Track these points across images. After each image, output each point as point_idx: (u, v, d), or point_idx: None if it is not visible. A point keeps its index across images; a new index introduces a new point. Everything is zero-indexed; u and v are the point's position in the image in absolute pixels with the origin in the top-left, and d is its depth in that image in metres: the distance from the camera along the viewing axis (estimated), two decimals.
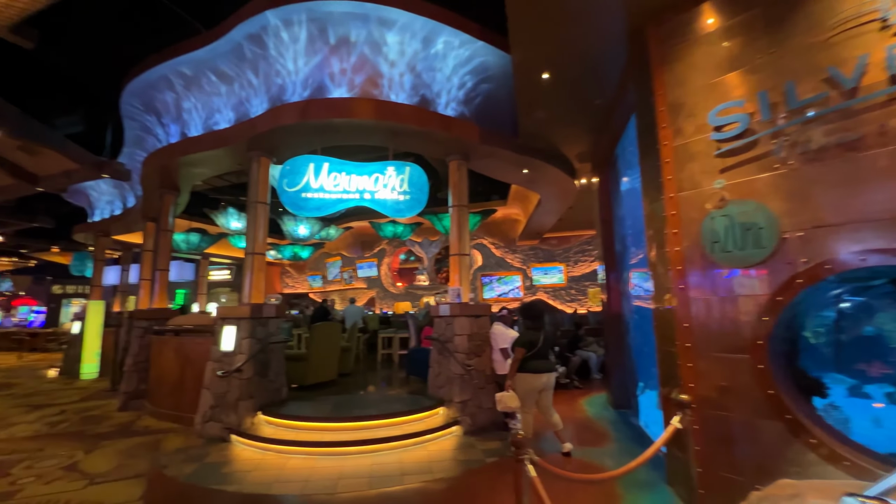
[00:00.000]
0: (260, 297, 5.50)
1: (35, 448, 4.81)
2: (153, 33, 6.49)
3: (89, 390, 8.39)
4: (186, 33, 5.88)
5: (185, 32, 6.02)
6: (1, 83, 6.51)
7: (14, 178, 8.28)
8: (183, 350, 5.97)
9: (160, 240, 7.41)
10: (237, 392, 4.94)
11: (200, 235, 12.83)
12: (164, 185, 7.32)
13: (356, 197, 5.12)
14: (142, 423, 5.83)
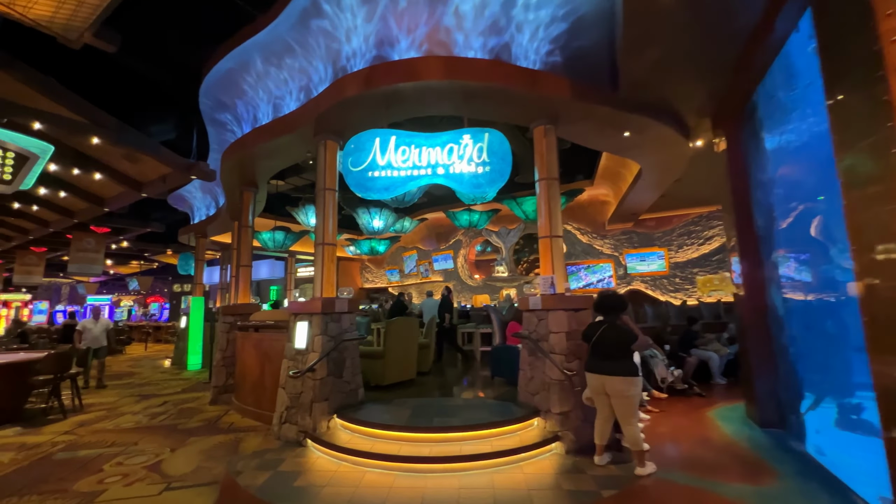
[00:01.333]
0: (331, 291, 5.11)
1: (131, 441, 4.90)
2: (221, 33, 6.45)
3: (191, 381, 8.91)
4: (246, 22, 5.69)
5: (244, 22, 5.84)
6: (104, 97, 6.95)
7: (123, 186, 9.01)
8: (262, 346, 5.84)
9: (241, 236, 7.50)
10: (311, 393, 4.58)
11: (285, 233, 13.30)
12: (242, 182, 7.36)
13: (428, 173, 4.46)
14: (228, 419, 5.81)
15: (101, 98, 6.83)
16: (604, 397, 3.77)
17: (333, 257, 5.23)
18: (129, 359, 13.15)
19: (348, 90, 4.52)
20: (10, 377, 5.87)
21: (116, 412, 6.36)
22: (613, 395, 3.70)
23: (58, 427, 5.59)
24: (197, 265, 12.36)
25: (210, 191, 10.81)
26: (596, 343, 3.85)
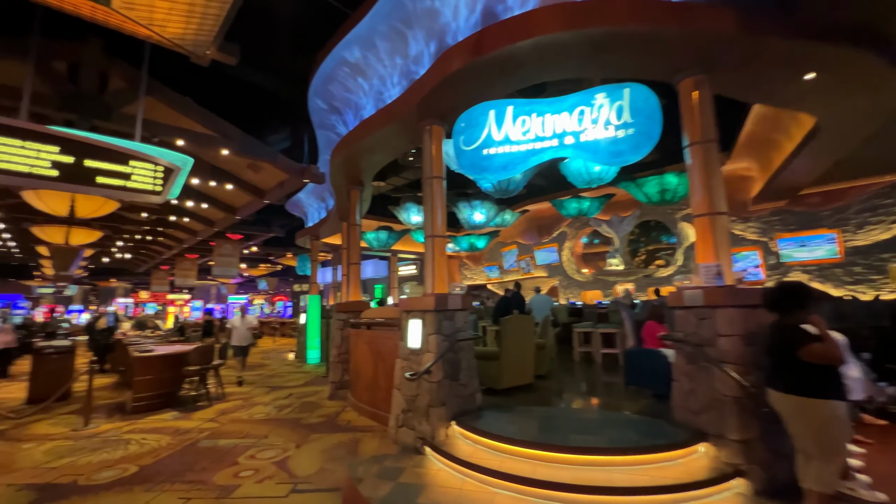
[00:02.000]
0: (444, 287, 4.72)
1: (262, 434, 5.09)
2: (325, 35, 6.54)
3: (311, 375, 9.42)
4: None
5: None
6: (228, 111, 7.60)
7: (249, 195, 9.89)
8: (374, 344, 5.72)
9: (350, 235, 7.60)
10: (427, 397, 4.23)
11: (388, 232, 13.60)
12: (349, 181, 7.46)
13: (554, 144, 3.78)
14: (345, 416, 5.81)
15: (226, 112, 7.44)
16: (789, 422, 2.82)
17: (444, 250, 4.85)
18: (260, 351, 14.65)
19: (455, 62, 4.06)
20: (170, 366, 6.63)
21: (251, 402, 6.83)
22: (787, 419, 2.79)
23: (204, 414, 6.13)
24: (312, 266, 13.25)
25: (321, 195, 11.42)
26: (766, 349, 3.00)
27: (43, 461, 4.33)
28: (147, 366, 6.39)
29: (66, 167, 5.15)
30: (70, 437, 5.16)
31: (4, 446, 4.86)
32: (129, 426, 5.57)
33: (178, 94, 6.70)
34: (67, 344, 7.75)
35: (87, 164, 5.30)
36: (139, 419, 5.89)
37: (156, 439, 4.97)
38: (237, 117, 7.59)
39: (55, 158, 5.09)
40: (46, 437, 5.14)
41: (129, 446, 4.73)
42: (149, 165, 5.75)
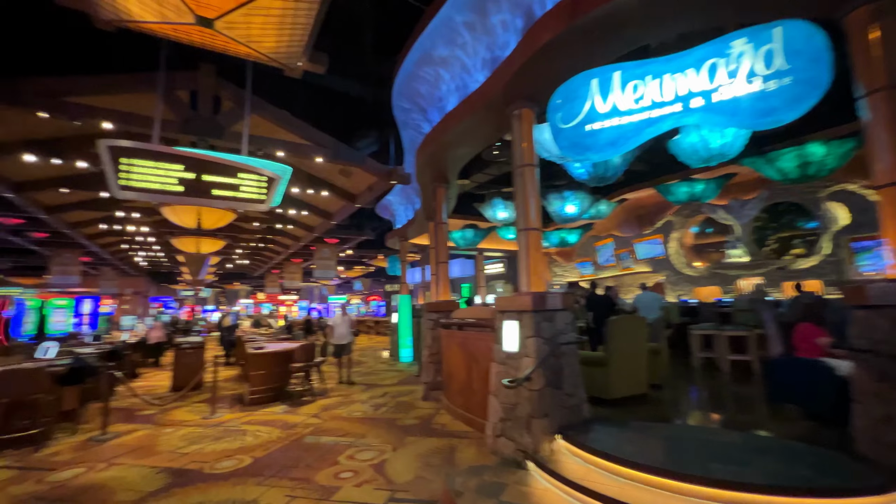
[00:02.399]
0: (541, 285, 4.29)
1: (360, 433, 5.14)
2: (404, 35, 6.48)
3: (404, 374, 9.55)
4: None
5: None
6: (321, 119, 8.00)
7: (342, 200, 10.37)
8: (467, 346, 5.48)
9: (438, 233, 7.48)
10: (528, 406, 3.84)
11: (474, 230, 13.40)
12: (435, 179, 7.34)
13: (676, 109, 3.12)
14: (439, 419, 5.65)
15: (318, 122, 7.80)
16: None
17: (539, 244, 4.41)
18: (357, 349, 15.39)
19: (546, 32, 3.60)
20: (279, 363, 7.13)
21: (349, 399, 7.05)
22: None
23: (308, 409, 6.44)
24: (401, 266, 13.55)
25: (408, 196, 11.59)
26: None
27: (178, 446, 4.83)
28: (260, 362, 6.93)
29: (189, 182, 5.74)
30: (200, 424, 5.74)
31: (152, 430, 5.55)
32: (247, 417, 6.06)
33: (277, 108, 7.16)
34: (199, 340, 8.81)
35: (205, 179, 5.85)
36: (254, 411, 6.39)
37: (267, 432, 5.29)
38: (328, 126, 7.93)
39: (180, 175, 5.69)
40: (182, 423, 5.78)
41: (245, 437, 5.08)
42: (254, 176, 6.19)
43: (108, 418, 5.43)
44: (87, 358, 5.41)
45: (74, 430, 5.48)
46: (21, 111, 5.65)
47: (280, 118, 7.20)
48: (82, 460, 4.46)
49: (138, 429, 5.59)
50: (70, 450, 4.82)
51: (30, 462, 4.46)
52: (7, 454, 4.68)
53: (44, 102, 5.59)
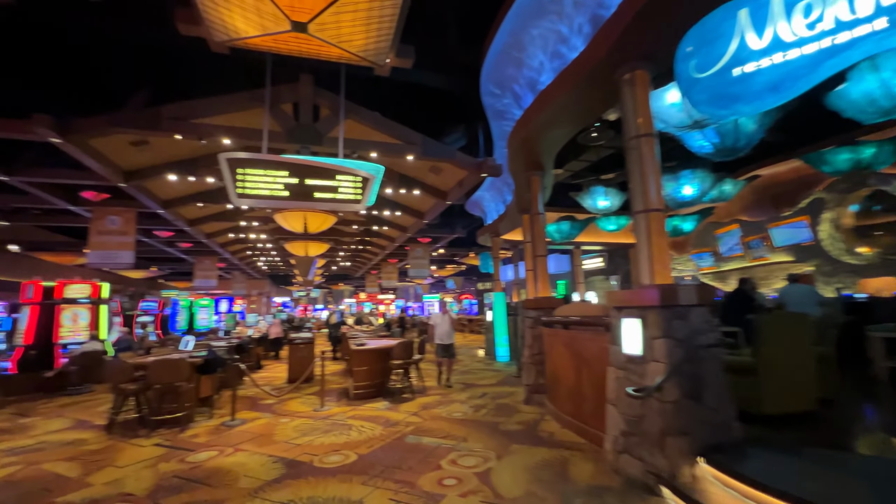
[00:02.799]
0: (667, 276, 3.60)
1: (461, 436, 4.90)
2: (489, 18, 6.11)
3: (502, 374, 9.18)
4: None
5: None
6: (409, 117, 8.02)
7: (433, 198, 10.37)
8: (574, 346, 4.92)
9: (534, 226, 6.97)
10: (660, 421, 3.21)
11: (570, 223, 12.52)
12: (528, 167, 6.86)
13: (880, 26, 2.22)
14: (545, 426, 5.17)
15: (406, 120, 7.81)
16: None
17: (663, 227, 3.71)
18: None
19: None
20: (380, 359, 7.27)
21: (448, 398, 6.91)
22: None
23: (409, 407, 6.43)
24: (494, 263, 13.21)
25: (498, 191, 11.21)
26: None
27: (291, 437, 5.08)
28: (362, 358, 7.13)
29: (293, 187, 6.07)
30: (310, 416, 6.04)
31: (271, 419, 5.98)
32: (352, 411, 6.23)
33: (368, 110, 7.32)
34: (309, 336, 9.46)
35: (307, 183, 6.14)
36: (358, 406, 6.56)
37: (370, 428, 5.33)
38: (417, 123, 7.91)
39: (286, 181, 6.04)
40: (295, 414, 6.14)
41: (350, 432, 5.17)
42: (350, 177, 6.35)
43: (235, 405, 5.99)
44: (218, 351, 6.06)
45: (210, 415, 6.14)
46: (162, 135, 6.52)
47: (372, 120, 7.35)
48: (215, 444, 4.91)
49: (260, 417, 6.07)
50: (206, 433, 5.37)
51: (176, 441, 5.04)
52: (160, 433, 5.37)
53: (178, 126, 6.37)
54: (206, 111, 6.61)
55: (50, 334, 9.14)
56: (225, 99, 6.59)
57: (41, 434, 5.59)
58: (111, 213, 9.58)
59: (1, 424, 6.22)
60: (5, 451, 4.93)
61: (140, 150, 7.45)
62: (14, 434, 5.64)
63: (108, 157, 7.30)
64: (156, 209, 9.83)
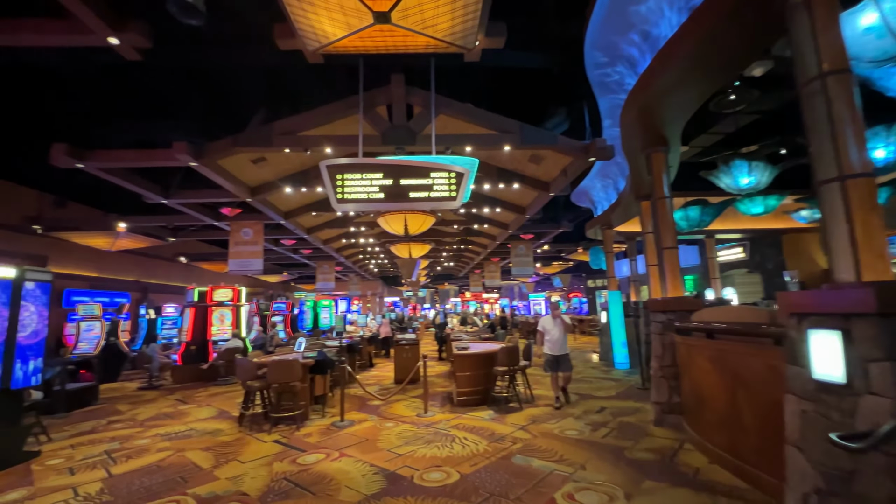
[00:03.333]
0: (885, 269, 2.48)
1: (578, 461, 4.20)
2: None
3: (622, 384, 8.05)
4: None
5: None
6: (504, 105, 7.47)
7: (534, 190, 9.63)
8: (725, 361, 3.86)
9: (659, 212, 5.86)
10: (885, 483, 2.17)
11: (701, 207, 10.62)
12: (648, 142, 5.79)
13: None
14: (686, 458, 4.18)
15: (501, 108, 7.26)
16: None
17: (873, 199, 2.58)
18: None
19: None
20: (483, 365, 6.86)
21: (560, 411, 6.19)
22: None
23: (516, 418, 5.88)
24: (607, 258, 11.90)
25: (609, 177, 10.00)
26: None
27: (395, 444, 4.94)
28: (465, 363, 6.80)
29: (388, 189, 5.98)
30: (414, 422, 5.88)
31: (377, 422, 5.98)
32: (455, 419, 5.91)
33: (460, 102, 6.96)
34: (413, 337, 9.50)
35: (402, 183, 6.01)
36: (462, 413, 6.23)
37: (474, 441, 4.93)
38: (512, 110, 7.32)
39: (381, 183, 5.98)
40: (399, 419, 6.05)
41: (453, 444, 4.84)
42: (443, 174, 6.05)
43: (344, 406, 6.12)
44: (329, 352, 6.30)
45: (323, 413, 6.39)
46: (274, 150, 7.02)
47: (464, 112, 6.98)
48: (324, 445, 5.00)
49: (366, 419, 6.11)
50: (318, 432, 5.54)
51: (291, 439, 5.27)
52: (280, 429, 5.71)
53: (286, 140, 6.78)
54: (310, 123, 6.95)
55: (205, 332, 10.71)
56: (325, 109, 6.84)
57: (192, 421, 6.38)
58: (244, 225, 10.88)
59: (167, 409, 7.33)
60: (164, 435, 5.69)
61: (259, 166, 8.21)
62: (174, 419, 6.55)
63: (235, 174, 8.18)
64: (278, 220, 10.87)
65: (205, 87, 7.82)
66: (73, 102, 7.42)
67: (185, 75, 7.11)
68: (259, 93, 7.60)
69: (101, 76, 6.80)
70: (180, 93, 7.63)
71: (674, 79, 4.37)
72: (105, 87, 7.14)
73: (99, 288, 16.06)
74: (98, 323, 10.68)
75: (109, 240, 11.27)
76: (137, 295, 17.85)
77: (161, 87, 7.41)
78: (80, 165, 6.68)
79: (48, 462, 4.76)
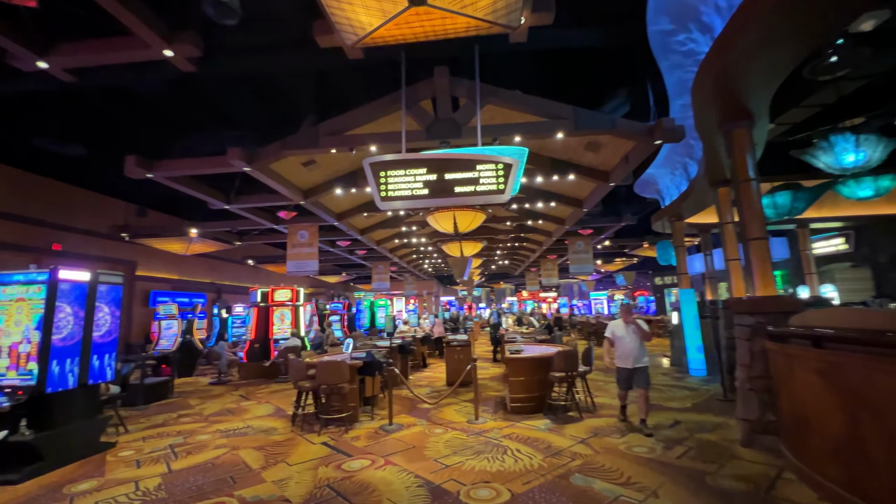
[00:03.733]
0: None
1: (649, 486, 3.65)
2: None
3: (699, 394, 7.15)
4: None
5: None
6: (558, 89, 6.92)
7: (593, 181, 8.91)
8: (840, 376, 3.11)
9: (742, 197, 5.03)
10: None
11: (792, 192, 9.28)
12: (728, 118, 5.00)
13: None
14: (788, 491, 3.48)
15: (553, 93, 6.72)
16: None
17: None
18: None
19: None
20: (538, 370, 6.38)
21: (627, 423, 5.57)
22: None
23: (575, 429, 5.37)
24: (678, 253, 10.79)
25: (678, 163, 9.01)
26: None
27: (442, 453, 4.66)
28: (518, 367, 6.37)
29: (432, 184, 5.72)
30: (464, 429, 5.57)
31: (425, 427, 5.75)
32: (508, 428, 5.52)
33: (507, 89, 6.54)
34: (465, 338, 9.21)
35: (447, 178, 5.72)
36: (516, 422, 5.82)
37: (528, 454, 4.52)
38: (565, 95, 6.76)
39: (425, 179, 5.73)
40: (449, 425, 5.77)
41: (504, 457, 4.46)
42: (490, 166, 5.67)
43: (393, 409, 5.96)
44: (378, 353, 6.19)
45: (373, 416, 6.29)
46: (320, 152, 7.05)
47: (512, 99, 6.55)
48: (370, 451, 4.85)
49: (415, 423, 5.91)
50: (366, 436, 5.42)
51: (339, 442, 5.19)
52: (329, 430, 5.67)
53: (332, 140, 6.78)
54: (355, 122, 6.89)
55: (267, 331, 11.21)
56: (369, 107, 6.74)
57: (250, 418, 6.58)
58: (300, 228, 11.23)
59: (231, 405, 7.68)
60: (223, 431, 5.89)
61: (310, 169, 8.35)
62: (235, 415, 6.81)
63: (287, 178, 8.39)
64: (332, 222, 11.10)
65: (261, 97, 8.12)
66: (152, 117, 8.04)
67: (240, 87, 7.41)
68: (309, 99, 7.71)
69: (171, 92, 7.25)
70: (240, 104, 7.99)
71: (761, 35, 3.64)
72: (177, 103, 7.64)
73: (180, 289, 17.58)
74: (176, 321, 11.59)
75: (184, 244, 12.18)
76: (213, 295, 19.34)
77: (223, 100, 7.80)
78: (149, 175, 7.17)
79: (121, 453, 5.07)
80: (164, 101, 7.57)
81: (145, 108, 7.96)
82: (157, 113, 8.10)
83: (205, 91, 7.42)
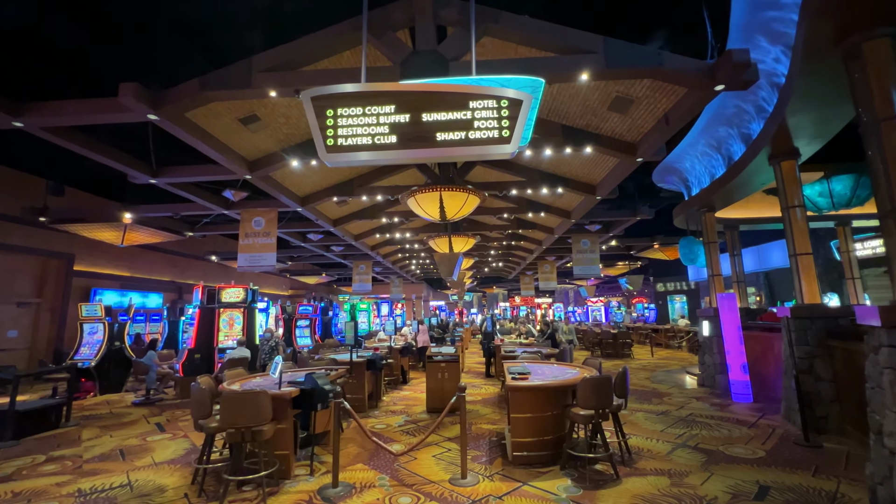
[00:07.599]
0: None
1: None
2: None
3: (763, 432, 5.31)
4: None
5: None
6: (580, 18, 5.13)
7: (615, 154, 7.10)
8: None
9: (885, 143, 3.26)
10: None
11: (855, 177, 7.61)
12: (861, 22, 3.22)
13: None
14: None
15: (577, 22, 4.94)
16: None
17: None
18: (639, 366, 11.57)
19: None
20: (552, 402, 4.52)
21: (679, 480, 3.73)
22: None
23: (610, 495, 3.50)
24: (709, 251, 9.04)
25: (714, 139, 7.29)
26: None
27: None
28: (525, 401, 4.50)
29: (403, 128, 3.87)
30: (444, 495, 3.68)
31: (387, 492, 3.85)
32: (510, 497, 3.64)
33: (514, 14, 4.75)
34: (451, 352, 7.34)
35: (425, 120, 3.87)
36: (521, 481, 3.94)
37: None
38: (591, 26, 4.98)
39: (393, 120, 3.88)
40: (422, 488, 3.86)
41: None
42: (490, 102, 3.84)
43: (339, 462, 4.05)
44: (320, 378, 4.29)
45: (311, 469, 4.37)
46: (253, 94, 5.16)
47: (519, 27, 4.76)
48: None
49: (373, 483, 4.00)
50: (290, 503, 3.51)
51: None
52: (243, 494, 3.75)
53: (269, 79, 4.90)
54: (305, 56, 5.05)
55: (212, 338, 9.20)
56: (322, 34, 4.90)
57: (143, 467, 4.61)
58: (256, 214, 9.29)
59: (133, 440, 5.68)
60: (83, 494, 3.91)
61: (253, 130, 6.44)
62: (125, 461, 4.82)
63: (222, 139, 6.45)
64: (294, 207, 9.18)
65: (201, 45, 6.25)
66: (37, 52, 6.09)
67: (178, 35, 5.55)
68: (259, 40, 5.84)
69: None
70: (177, 56, 6.10)
71: None
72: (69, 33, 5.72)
73: (131, 288, 15.46)
74: (101, 325, 9.53)
75: (117, 232, 10.14)
76: (173, 296, 17.20)
77: (156, 53, 5.92)
78: (16, 124, 5.19)
79: None
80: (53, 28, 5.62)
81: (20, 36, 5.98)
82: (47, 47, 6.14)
83: (131, 41, 5.53)
